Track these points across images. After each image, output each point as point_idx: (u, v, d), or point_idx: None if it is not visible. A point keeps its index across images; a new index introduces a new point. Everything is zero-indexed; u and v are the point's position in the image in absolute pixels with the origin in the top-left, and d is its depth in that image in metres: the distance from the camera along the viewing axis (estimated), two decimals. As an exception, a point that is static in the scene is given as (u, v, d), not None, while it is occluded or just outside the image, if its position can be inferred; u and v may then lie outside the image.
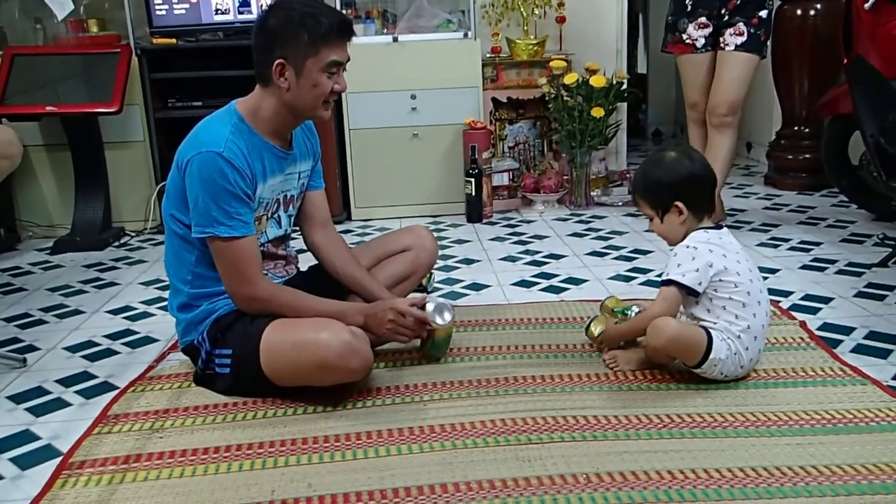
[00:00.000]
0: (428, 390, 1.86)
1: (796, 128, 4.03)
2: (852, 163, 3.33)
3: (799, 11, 3.83)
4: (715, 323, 1.80)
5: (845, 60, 2.94)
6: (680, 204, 1.83)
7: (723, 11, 3.01)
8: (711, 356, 1.76)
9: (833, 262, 2.76)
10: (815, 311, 2.31)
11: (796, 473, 1.45)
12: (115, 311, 2.58)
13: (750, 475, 1.45)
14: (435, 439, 1.63)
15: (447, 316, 1.95)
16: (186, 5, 3.55)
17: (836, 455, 1.51)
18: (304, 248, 2.11)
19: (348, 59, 1.85)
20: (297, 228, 2.09)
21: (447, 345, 2.04)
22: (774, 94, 4.11)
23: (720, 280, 1.79)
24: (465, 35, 3.67)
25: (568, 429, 1.65)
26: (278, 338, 1.77)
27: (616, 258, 2.93)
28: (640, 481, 1.45)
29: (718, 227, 1.88)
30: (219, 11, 3.57)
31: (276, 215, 1.96)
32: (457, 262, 2.99)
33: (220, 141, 1.76)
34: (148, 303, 2.65)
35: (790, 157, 4.04)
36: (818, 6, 3.80)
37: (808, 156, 3.95)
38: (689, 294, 1.80)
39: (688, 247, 1.81)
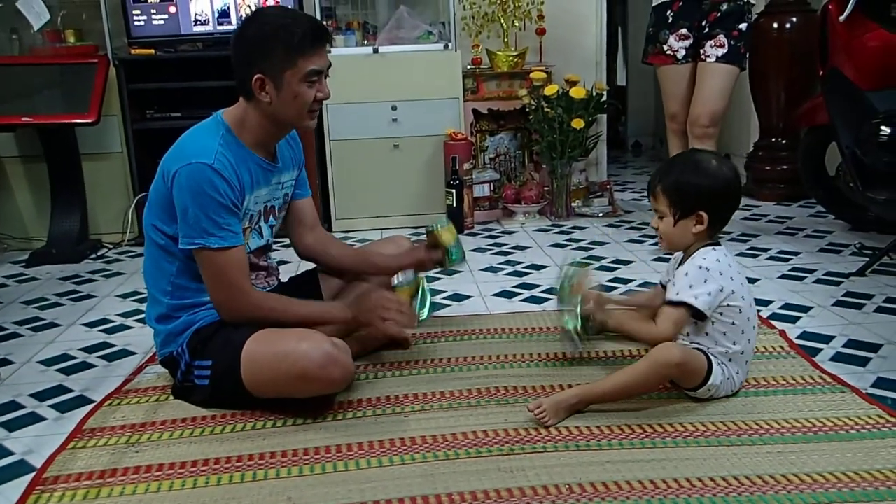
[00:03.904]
0: (409, 401, 1.85)
1: (773, 139, 4.07)
2: (829, 173, 3.36)
3: (775, 24, 3.88)
4: (709, 348, 1.77)
5: (821, 72, 2.98)
6: (704, 214, 1.73)
7: (703, 23, 3.04)
8: (710, 381, 1.74)
9: (812, 271, 2.79)
10: (794, 320, 2.32)
11: (778, 482, 1.46)
12: (91, 324, 2.54)
13: (732, 484, 1.45)
14: (416, 451, 1.62)
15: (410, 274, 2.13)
16: (165, 16, 3.53)
17: (817, 463, 1.52)
18: (285, 260, 2.10)
19: (329, 65, 1.82)
20: (279, 240, 2.08)
21: (460, 250, 2.21)
22: (752, 106, 4.15)
23: (727, 305, 1.73)
24: (446, 46, 3.68)
25: (550, 439, 1.64)
26: (259, 349, 1.74)
27: (597, 269, 2.94)
28: (623, 491, 1.44)
29: (717, 243, 1.80)
30: (198, 22, 3.55)
31: (257, 226, 1.94)
32: (438, 272, 2.98)
33: (210, 152, 1.74)
34: (125, 315, 2.62)
35: (768, 167, 4.08)
36: (794, 19, 3.86)
37: (785, 167, 4.00)
38: (695, 317, 1.74)
39: (700, 267, 1.73)
